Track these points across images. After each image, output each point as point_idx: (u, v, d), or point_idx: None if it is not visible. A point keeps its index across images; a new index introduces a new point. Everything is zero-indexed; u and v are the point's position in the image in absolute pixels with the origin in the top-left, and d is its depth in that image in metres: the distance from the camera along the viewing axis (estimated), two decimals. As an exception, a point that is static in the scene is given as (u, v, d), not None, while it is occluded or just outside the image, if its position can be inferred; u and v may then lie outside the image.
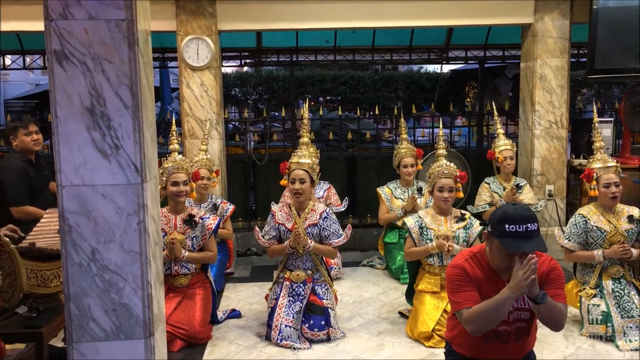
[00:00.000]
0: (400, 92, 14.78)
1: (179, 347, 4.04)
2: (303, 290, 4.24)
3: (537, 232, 2.58)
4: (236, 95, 15.10)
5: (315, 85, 14.84)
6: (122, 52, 2.43)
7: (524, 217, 2.55)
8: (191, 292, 4.26)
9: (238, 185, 7.27)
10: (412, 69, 15.06)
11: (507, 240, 2.55)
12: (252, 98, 15.13)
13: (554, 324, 2.67)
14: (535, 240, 2.55)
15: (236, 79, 14.67)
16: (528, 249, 2.50)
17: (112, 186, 2.48)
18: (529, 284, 2.47)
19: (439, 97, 12.32)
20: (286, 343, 4.02)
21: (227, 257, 5.60)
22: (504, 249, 2.56)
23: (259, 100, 15.05)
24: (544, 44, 5.99)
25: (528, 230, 2.54)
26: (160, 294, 2.78)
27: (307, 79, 14.68)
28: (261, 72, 14.57)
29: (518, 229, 2.53)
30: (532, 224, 2.55)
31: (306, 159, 4.33)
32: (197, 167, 5.22)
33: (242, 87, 14.75)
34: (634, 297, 4.06)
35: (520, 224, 2.53)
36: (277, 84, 14.54)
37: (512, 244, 2.54)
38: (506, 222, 2.55)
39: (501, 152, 5.69)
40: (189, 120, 5.94)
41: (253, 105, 14.46)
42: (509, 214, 2.57)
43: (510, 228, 2.54)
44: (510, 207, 2.63)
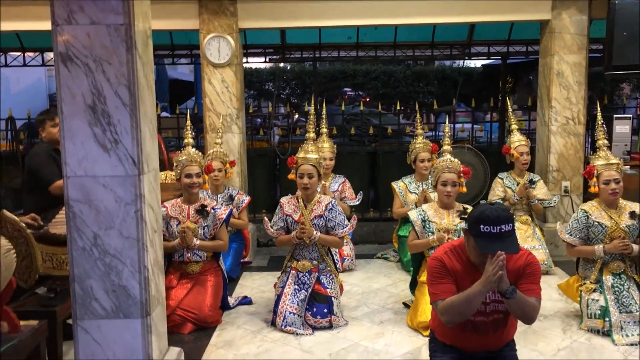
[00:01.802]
0: (432, 87, 14.78)
1: (189, 330, 4.27)
2: (308, 279, 4.42)
3: (512, 232, 2.67)
4: (269, 89, 15.35)
5: (347, 80, 14.98)
6: (121, 54, 2.65)
7: (500, 218, 2.64)
8: (203, 279, 4.49)
9: (263, 178, 7.51)
10: (444, 63, 15.02)
11: (481, 240, 2.66)
12: (284, 92, 15.39)
13: (525, 317, 2.77)
14: (508, 240, 2.64)
15: (269, 74, 14.91)
16: (498, 250, 2.59)
17: (111, 177, 2.71)
18: (496, 279, 2.57)
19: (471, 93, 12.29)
20: (290, 329, 4.21)
21: (244, 247, 5.84)
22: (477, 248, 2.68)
23: (292, 95, 15.27)
24: (561, 40, 5.99)
25: (502, 231, 2.63)
26: (159, 278, 3.00)
27: (339, 73, 14.83)
28: (294, 67, 14.80)
29: (492, 230, 2.63)
30: (506, 225, 2.64)
31: (313, 154, 4.49)
32: (210, 159, 5.49)
33: (275, 81, 14.98)
34: (633, 292, 4.09)
35: (495, 225, 2.62)
36: (310, 78, 14.73)
37: (485, 244, 2.64)
38: (482, 222, 2.65)
39: (516, 148, 5.75)
40: (210, 115, 6.17)
41: (285, 100, 14.71)
42: (485, 214, 2.66)
43: (485, 229, 2.64)
44: (488, 207, 2.72)
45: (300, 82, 14.93)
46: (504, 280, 2.59)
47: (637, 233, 4.17)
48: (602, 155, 4.28)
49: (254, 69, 14.66)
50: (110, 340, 2.80)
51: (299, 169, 4.48)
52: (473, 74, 14.38)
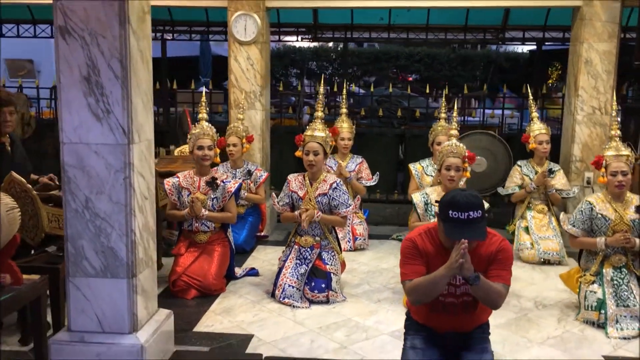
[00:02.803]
0: (477, 71, 14.55)
1: (192, 296, 4.48)
2: (310, 254, 4.54)
3: (480, 219, 2.69)
4: (312, 69, 15.44)
5: (390, 62, 14.91)
6: (114, 28, 2.80)
7: (469, 204, 2.66)
8: (210, 248, 4.67)
9: (290, 155, 7.61)
10: (490, 48, 14.73)
11: (448, 225, 2.70)
12: (327, 72, 15.43)
13: (489, 303, 2.81)
14: (475, 227, 2.67)
15: (313, 53, 14.99)
16: (464, 237, 2.62)
17: (103, 145, 2.89)
18: (458, 266, 2.62)
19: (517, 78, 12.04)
20: (287, 301, 4.36)
21: (260, 221, 6.00)
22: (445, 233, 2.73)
23: (334, 75, 15.31)
24: (591, 28, 5.83)
25: (470, 217, 2.66)
26: (148, 242, 3.17)
27: (382, 54, 14.78)
28: (337, 47, 14.82)
29: (460, 217, 2.66)
30: (475, 211, 2.66)
31: (320, 132, 4.58)
32: (228, 133, 5.68)
33: (318, 61, 15.06)
34: (633, 287, 4.03)
35: (463, 211, 2.65)
36: (352, 59, 14.73)
37: (452, 230, 2.69)
38: (450, 208, 2.69)
39: (536, 136, 5.68)
40: (234, 92, 6.33)
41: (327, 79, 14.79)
42: (455, 200, 2.69)
43: (453, 214, 2.67)
44: (458, 193, 2.74)
45: (343, 62, 14.93)
46: (465, 267, 2.63)
47: (641, 227, 4.10)
48: (613, 146, 4.21)
49: (298, 48, 14.78)
50: (99, 298, 3.00)
51: (305, 146, 4.58)
52: (519, 59, 14.06)
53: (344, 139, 6.03)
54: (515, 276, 5.04)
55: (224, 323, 4.03)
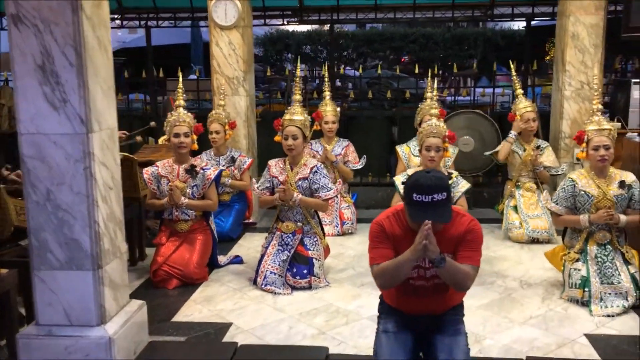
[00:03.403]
0: (473, 50, 14.34)
1: (174, 286, 4.44)
2: (292, 240, 4.48)
3: (445, 201, 2.61)
4: (308, 53, 15.25)
5: (385, 43, 14.72)
6: (67, 15, 2.73)
7: (432, 187, 2.58)
8: (191, 237, 4.62)
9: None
10: (487, 26, 14.50)
11: (412, 208, 2.63)
12: (321, 56, 15.26)
13: (456, 285, 2.74)
14: (439, 210, 2.59)
15: (307, 37, 14.81)
16: (428, 220, 2.55)
17: (61, 135, 2.83)
18: (422, 248, 2.56)
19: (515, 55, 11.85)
20: (269, 288, 4.31)
21: (246, 207, 5.95)
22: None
23: (329, 59, 15.14)
24: (577, 0, 5.71)
25: (434, 200, 2.58)
26: (115, 233, 3.12)
27: (376, 36, 14.60)
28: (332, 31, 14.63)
29: (424, 199, 2.58)
30: (439, 194, 2.58)
31: (298, 116, 4.51)
32: (210, 120, 5.63)
33: (312, 44, 14.89)
34: (618, 264, 3.96)
35: (427, 194, 2.57)
36: (346, 42, 14.56)
37: (416, 213, 2.61)
38: (415, 191, 2.61)
39: (522, 114, 5.59)
40: (217, 78, 6.24)
41: (322, 63, 14.63)
42: (419, 183, 2.61)
43: (417, 198, 2.60)
44: (423, 175, 2.65)
45: (337, 45, 14.75)
46: (430, 249, 2.56)
47: (625, 203, 4.01)
48: (595, 121, 4.12)
49: (291, 32, 14.61)
50: (65, 290, 2.96)
51: (284, 130, 4.51)
52: (515, 36, 13.85)
53: (328, 122, 5.96)
54: (503, 256, 5.08)
55: (203, 312, 4.00)
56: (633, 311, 3.85)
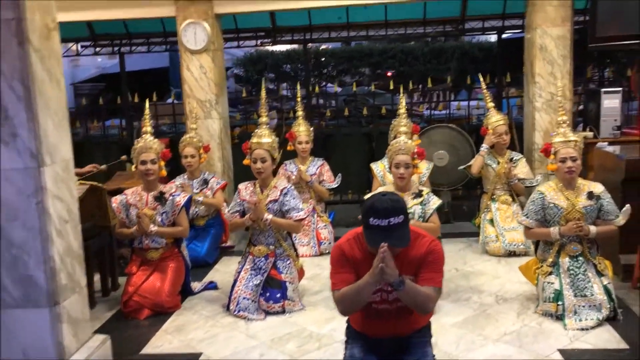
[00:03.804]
0: (451, 64, 14.43)
1: (145, 316, 4.35)
2: (264, 264, 4.42)
3: (402, 224, 2.57)
4: (288, 72, 15.28)
5: (364, 60, 14.79)
6: (13, 48, 2.69)
7: (389, 210, 2.55)
8: (163, 265, 4.55)
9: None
10: (464, 40, 14.62)
11: (369, 232, 2.60)
12: (301, 75, 15.30)
13: (418, 308, 2.70)
14: (396, 233, 2.56)
15: (286, 57, 14.84)
16: (385, 244, 2.51)
17: (12, 170, 2.77)
18: (379, 272, 2.52)
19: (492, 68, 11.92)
20: (242, 314, 4.25)
21: (222, 231, 5.88)
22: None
23: (310, 76, 15.17)
24: (543, 13, 5.75)
25: (390, 224, 2.54)
26: (74, 267, 3.05)
27: (355, 53, 14.66)
28: (309, 49, 14.68)
29: (380, 224, 2.54)
30: (396, 217, 2.55)
31: (266, 139, 4.47)
32: (183, 145, 5.60)
33: (292, 64, 14.91)
34: (590, 275, 3.94)
35: (384, 218, 2.54)
36: (326, 59, 14.63)
37: (372, 237, 2.58)
38: (371, 214, 2.58)
39: (495, 128, 5.59)
40: (189, 102, 6.21)
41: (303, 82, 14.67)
42: (375, 207, 2.58)
43: (374, 222, 2.56)
44: (379, 199, 2.62)
45: (317, 64, 14.82)
46: (387, 272, 2.52)
47: (595, 214, 4.00)
48: (561, 132, 4.11)
49: (271, 52, 14.65)
50: (22, 329, 2.88)
51: (252, 153, 4.47)
52: (492, 48, 13.94)
53: (302, 142, 5.93)
54: (480, 270, 5.05)
55: (173, 343, 3.92)
56: (607, 323, 3.82)
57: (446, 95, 12.14)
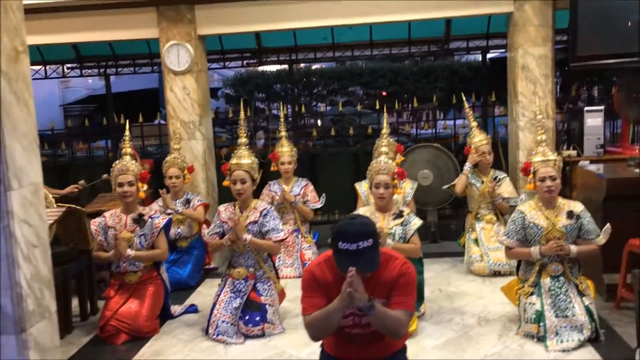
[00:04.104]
0: (441, 83, 14.50)
1: (122, 341, 4.28)
2: (244, 287, 4.37)
3: (371, 248, 2.54)
4: (279, 92, 15.32)
5: (354, 79, 14.86)
6: (-22, 72, 2.66)
7: (358, 234, 2.52)
8: (141, 289, 4.48)
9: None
10: (454, 59, 14.72)
11: (339, 256, 2.58)
12: (291, 95, 15.35)
13: (388, 332, 2.65)
14: (366, 257, 2.53)
15: (276, 77, 14.89)
16: (353, 268, 2.48)
17: (-23, 195, 2.72)
18: (347, 296, 2.48)
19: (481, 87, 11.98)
20: (221, 338, 4.18)
21: (205, 253, 5.82)
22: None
23: (300, 96, 15.21)
24: (525, 33, 5.77)
25: (359, 248, 2.51)
26: (43, 293, 2.99)
27: (345, 73, 14.73)
28: (300, 69, 14.74)
29: (349, 248, 2.52)
30: (364, 241, 2.52)
31: (246, 159, 4.45)
32: (167, 166, 5.57)
33: (282, 84, 14.96)
34: (572, 295, 3.89)
35: (352, 242, 2.51)
36: (316, 79, 14.69)
37: (342, 261, 2.55)
38: (340, 238, 2.55)
39: (478, 147, 5.59)
40: (173, 123, 6.19)
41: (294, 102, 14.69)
42: (343, 230, 2.56)
43: (342, 246, 2.54)
44: (348, 222, 2.60)
45: (307, 83, 14.88)
46: (355, 297, 2.48)
47: (575, 233, 3.97)
48: (540, 151, 4.10)
49: (261, 72, 14.70)
50: (-13, 356, 2.82)
51: (232, 175, 4.44)
52: (481, 67, 14.04)
53: (284, 163, 5.90)
54: (464, 291, 5.00)
55: (149, 368, 3.86)
56: (589, 344, 3.77)
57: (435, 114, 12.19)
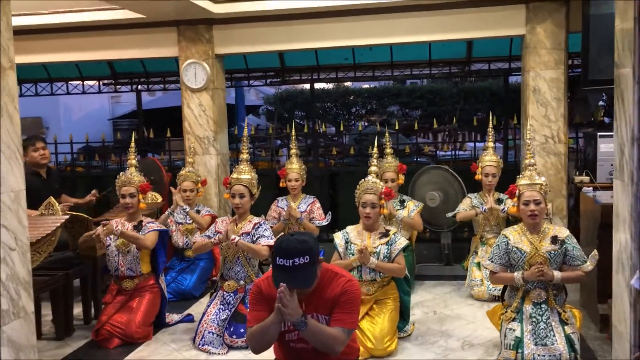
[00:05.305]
0: (481, 104, 14.34)
1: (115, 345, 4.46)
2: (233, 299, 4.48)
3: (307, 265, 2.60)
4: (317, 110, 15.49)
5: (392, 99, 14.90)
6: (-38, 86, 2.89)
7: (293, 251, 2.59)
8: (137, 295, 4.66)
9: (266, 197, 7.61)
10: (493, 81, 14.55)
11: (275, 272, 2.65)
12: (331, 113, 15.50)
13: (324, 348, 2.68)
14: (300, 274, 2.59)
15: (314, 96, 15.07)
16: (288, 284, 2.55)
17: (-41, 199, 2.94)
18: (276, 311, 2.56)
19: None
20: (205, 348, 4.30)
21: (212, 265, 5.98)
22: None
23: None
24: (536, 56, 5.72)
25: (295, 264, 2.58)
26: (19, 293, 3.18)
27: (383, 92, 14.80)
28: (338, 88, 14.90)
29: (285, 264, 2.58)
30: (300, 258, 2.58)
31: (245, 175, 4.58)
32: (182, 179, 5.76)
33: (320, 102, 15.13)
34: (554, 324, 3.81)
35: (288, 258, 2.58)
36: (354, 98, 14.83)
37: (278, 276, 2.62)
38: (277, 254, 2.63)
39: (484, 167, 5.55)
40: (189, 138, 6.41)
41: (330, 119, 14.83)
42: (281, 247, 2.63)
43: (279, 261, 2.61)
44: (286, 239, 2.67)
45: (342, 102, 15.02)
46: (285, 312, 2.54)
47: (560, 259, 3.89)
48: (527, 175, 4.05)
49: (300, 91, 14.94)
50: (-38, 349, 3.02)
51: (231, 189, 4.57)
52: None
53: (291, 180, 6.00)
54: (458, 314, 4.96)
55: (130, 372, 4.00)
56: (567, 374, 3.68)
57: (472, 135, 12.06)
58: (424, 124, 13.01)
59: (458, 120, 13.03)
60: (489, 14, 5.83)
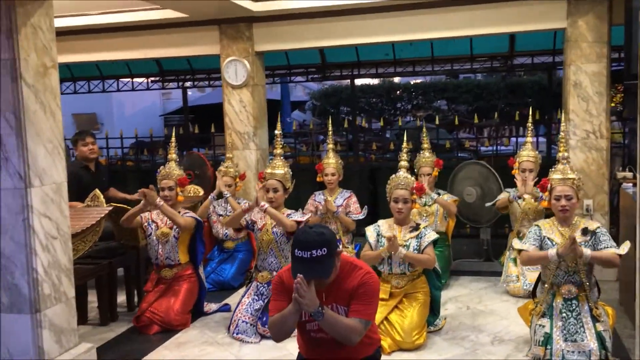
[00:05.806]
0: (530, 99, 14.07)
1: (155, 331, 4.66)
2: (267, 290, 4.60)
3: (324, 257, 2.65)
4: (362, 106, 15.55)
5: (439, 94, 14.80)
6: (7, 84, 3.10)
7: (311, 243, 2.64)
8: (176, 284, 4.84)
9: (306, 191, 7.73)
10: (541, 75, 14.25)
11: (294, 264, 2.72)
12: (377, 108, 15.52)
13: (341, 338, 2.74)
14: (317, 265, 2.65)
15: (360, 91, 15.14)
16: (306, 275, 2.62)
17: (3, 190, 3.16)
18: (293, 302, 2.64)
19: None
20: (239, 336, 4.44)
21: (251, 257, 6.12)
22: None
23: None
24: (577, 49, 5.61)
25: (313, 256, 2.64)
26: (60, 279, 3.39)
27: (428, 87, 14.72)
28: (382, 84, 14.89)
29: (303, 255, 2.65)
30: (318, 249, 2.64)
31: (279, 170, 4.68)
32: (221, 174, 5.92)
33: (366, 98, 15.18)
34: (584, 320, 3.76)
35: (306, 250, 2.64)
36: (399, 93, 14.80)
37: (296, 268, 2.69)
38: (296, 246, 2.70)
39: (521, 163, 5.50)
40: (230, 133, 6.58)
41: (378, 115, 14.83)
42: (299, 239, 2.70)
43: (298, 253, 2.68)
44: (305, 231, 2.73)
45: (387, 97, 15.00)
46: (302, 303, 2.61)
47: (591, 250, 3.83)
48: (560, 169, 4.00)
49: (344, 86, 15.03)
50: (7, 331, 3.25)
51: (266, 183, 4.69)
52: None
53: (328, 174, 6.08)
54: (492, 310, 4.94)
55: (167, 357, 4.17)
56: (597, 372, 3.63)
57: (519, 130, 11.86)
58: (470, 119, 12.88)
59: (505, 115, 12.88)
60: (529, 8, 5.74)
